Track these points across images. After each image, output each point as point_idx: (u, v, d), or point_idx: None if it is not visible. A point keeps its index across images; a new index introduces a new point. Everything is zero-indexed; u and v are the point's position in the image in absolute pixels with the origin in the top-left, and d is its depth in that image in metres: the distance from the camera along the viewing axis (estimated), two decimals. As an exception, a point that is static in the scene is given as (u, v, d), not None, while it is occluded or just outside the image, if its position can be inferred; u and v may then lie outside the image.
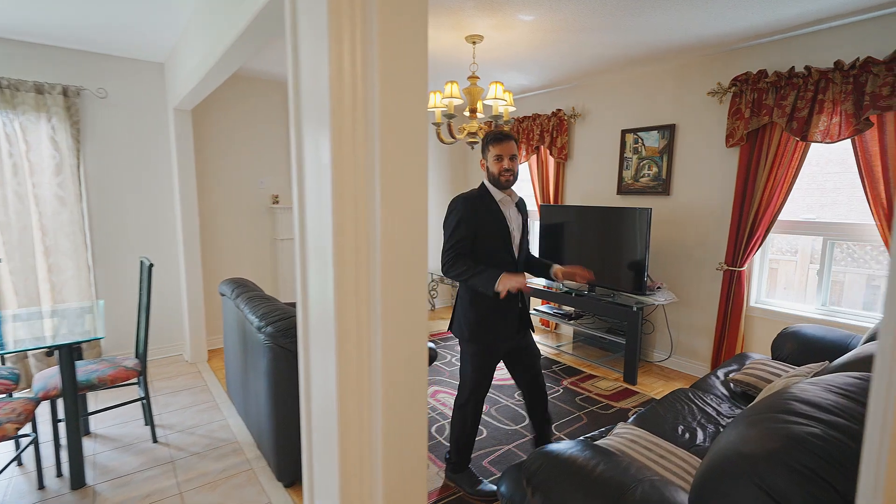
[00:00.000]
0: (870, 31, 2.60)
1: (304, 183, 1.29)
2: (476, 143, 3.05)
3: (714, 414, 1.98)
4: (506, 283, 1.84)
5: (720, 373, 2.37)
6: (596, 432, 1.81)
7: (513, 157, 1.97)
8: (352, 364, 1.24)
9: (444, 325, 4.83)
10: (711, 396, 2.13)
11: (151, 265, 2.49)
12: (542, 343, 4.29)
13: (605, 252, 3.72)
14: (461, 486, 2.16)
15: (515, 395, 3.13)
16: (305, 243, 1.32)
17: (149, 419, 2.55)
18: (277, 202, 4.24)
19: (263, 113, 4.11)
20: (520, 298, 2.06)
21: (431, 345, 2.51)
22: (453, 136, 2.95)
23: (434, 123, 3.07)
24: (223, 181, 3.98)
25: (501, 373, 3.53)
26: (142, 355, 2.53)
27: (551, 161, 4.51)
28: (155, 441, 2.54)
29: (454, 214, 1.95)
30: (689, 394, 2.13)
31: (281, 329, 2.07)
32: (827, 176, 3.03)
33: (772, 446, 0.88)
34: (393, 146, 1.13)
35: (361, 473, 1.30)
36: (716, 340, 3.35)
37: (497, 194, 2.01)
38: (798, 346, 2.32)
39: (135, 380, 2.55)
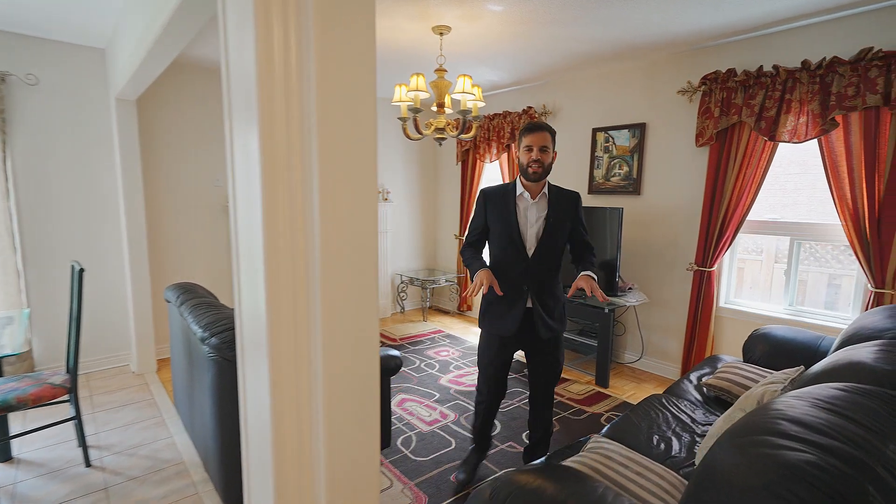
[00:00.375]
0: (836, 32, 2.60)
1: (235, 181, 1.13)
2: (444, 139, 2.91)
3: (689, 422, 1.90)
4: (477, 278, 1.92)
5: (693, 377, 2.31)
6: (569, 448, 1.70)
7: (544, 149, 1.91)
8: (288, 380, 1.08)
9: (416, 328, 4.68)
10: (685, 402, 2.06)
11: (82, 270, 2.24)
12: (514, 345, 4.19)
13: (576, 252, 3.65)
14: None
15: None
16: (238, 247, 1.15)
17: (81, 440, 2.30)
18: (235, 201, 3.99)
19: (219, 106, 3.86)
20: (529, 298, 1.99)
21: (395, 352, 2.36)
22: (419, 132, 2.80)
23: (400, 118, 2.92)
24: (174, 179, 3.71)
25: (471, 377, 3.40)
26: (72, 369, 2.27)
27: (522, 159, 4.41)
28: (88, 465, 2.29)
29: (475, 205, 2.12)
30: (663, 400, 2.06)
31: (227, 340, 1.88)
32: (789, 176, 3.04)
33: (766, 478, 0.77)
34: (334, 141, 0.98)
35: (301, 498, 1.15)
36: (686, 341, 3.33)
37: (519, 187, 1.99)
38: (769, 348, 2.28)
39: (64, 397, 2.29)
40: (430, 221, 5.60)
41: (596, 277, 1.94)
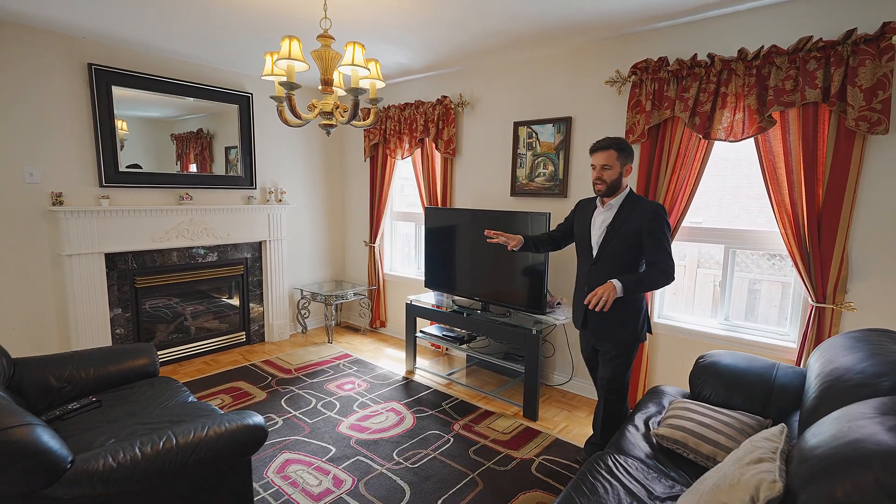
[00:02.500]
0: (776, 18, 2.35)
1: None
2: (333, 126, 2.26)
3: (646, 498, 1.46)
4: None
5: (638, 421, 1.90)
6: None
7: (605, 167, 2.07)
8: None
9: (318, 352, 3.96)
10: (636, 464, 1.62)
11: None
12: (431, 371, 3.65)
13: (498, 263, 3.18)
14: None
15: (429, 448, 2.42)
16: None
17: None
18: (61, 202, 3.02)
19: (31, 73, 2.87)
20: (586, 291, 2.12)
21: (258, 419, 1.69)
22: (297, 116, 2.14)
23: (274, 98, 2.23)
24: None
25: (379, 419, 2.80)
26: None
27: (438, 157, 3.89)
28: None
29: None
30: (609, 462, 1.61)
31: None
32: (723, 178, 2.80)
33: None
34: None
35: None
36: (619, 361, 2.99)
37: (599, 200, 2.19)
38: (720, 384, 1.94)
39: None
40: (337, 226, 4.89)
41: (620, 287, 1.96)
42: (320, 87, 2.22)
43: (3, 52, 2.76)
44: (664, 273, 2.01)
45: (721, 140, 2.49)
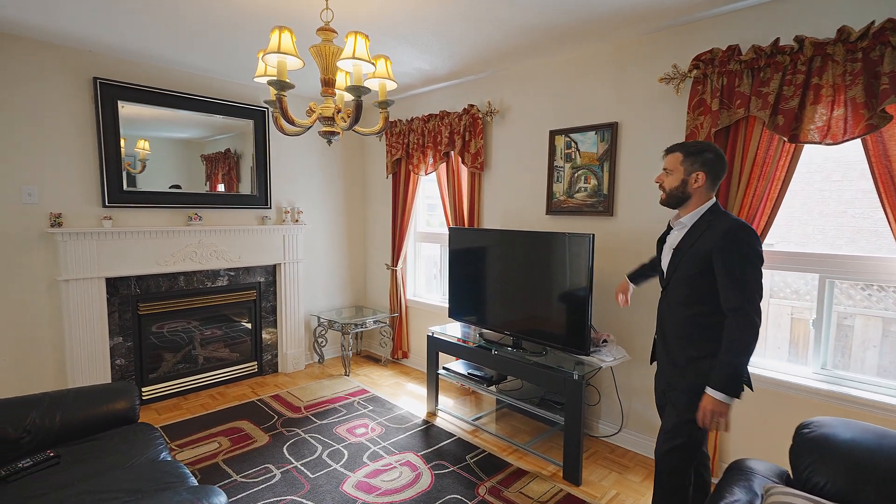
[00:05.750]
0: (887, -14, 1.85)
1: None
2: (334, 133, 1.93)
3: None
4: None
5: (725, 517, 1.40)
6: None
7: (667, 171, 1.75)
8: None
9: (333, 386, 3.60)
10: None
11: None
12: (455, 414, 3.21)
13: (533, 293, 2.74)
14: None
15: None
16: None
17: None
18: (60, 223, 2.82)
19: (31, 88, 2.72)
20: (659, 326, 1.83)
21: (219, 498, 1.32)
22: (291, 122, 1.81)
23: (267, 102, 1.93)
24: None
25: (393, 475, 2.38)
26: None
27: (464, 172, 3.52)
28: None
29: None
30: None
31: None
32: (818, 192, 2.28)
33: None
34: None
35: None
36: (681, 413, 2.46)
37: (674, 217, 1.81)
38: (842, 470, 1.41)
39: None
40: (358, 248, 4.57)
41: (716, 393, 1.54)
42: (321, 90, 1.90)
43: (2, 66, 2.62)
44: (744, 326, 1.51)
45: (814, 143, 1.98)
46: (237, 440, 2.76)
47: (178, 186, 3.33)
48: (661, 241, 1.88)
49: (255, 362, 3.85)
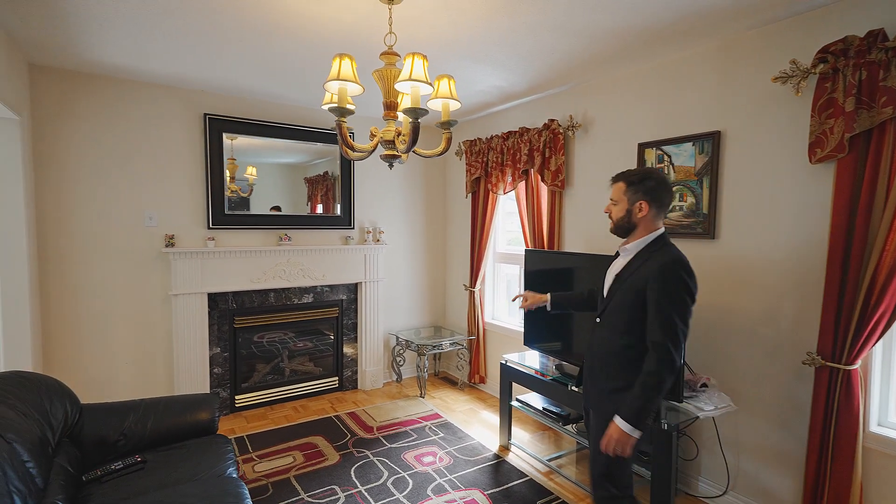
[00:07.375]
0: None
1: None
2: (396, 157, 1.90)
3: None
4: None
5: None
6: None
7: (612, 202, 1.75)
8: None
9: (406, 408, 3.58)
10: None
11: None
12: (529, 451, 2.97)
13: (616, 324, 2.45)
14: None
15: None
16: None
17: None
18: (173, 243, 3.18)
19: (152, 125, 3.12)
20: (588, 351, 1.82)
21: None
22: (350, 147, 1.82)
23: (334, 129, 1.96)
24: (84, 213, 2.95)
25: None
26: None
27: (544, 190, 3.32)
28: None
29: None
30: None
31: None
32: None
33: None
34: None
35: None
36: (808, 481, 1.99)
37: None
38: None
39: None
40: (438, 268, 4.56)
41: (623, 423, 1.53)
42: (383, 114, 1.89)
43: (131, 107, 3.05)
44: (662, 362, 1.49)
45: None
46: (310, 456, 2.83)
47: (278, 208, 3.60)
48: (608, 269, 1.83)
49: (336, 377, 3.97)
